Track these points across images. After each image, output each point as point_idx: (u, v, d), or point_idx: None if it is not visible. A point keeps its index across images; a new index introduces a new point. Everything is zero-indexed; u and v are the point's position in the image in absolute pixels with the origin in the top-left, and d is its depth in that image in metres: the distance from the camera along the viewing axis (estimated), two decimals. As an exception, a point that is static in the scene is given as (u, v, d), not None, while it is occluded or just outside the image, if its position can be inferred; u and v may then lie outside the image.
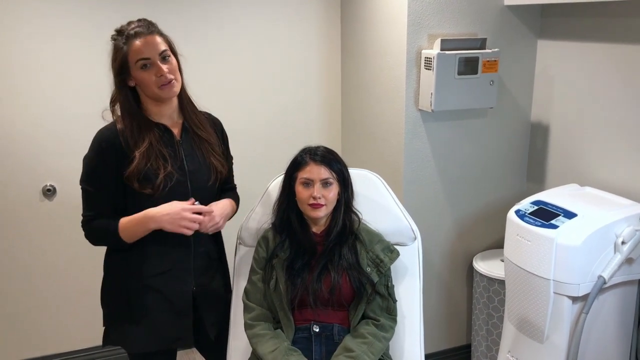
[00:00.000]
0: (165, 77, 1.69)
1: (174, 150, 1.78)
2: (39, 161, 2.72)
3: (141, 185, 1.70)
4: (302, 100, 3.10)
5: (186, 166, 1.79)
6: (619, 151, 2.26)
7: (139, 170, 1.69)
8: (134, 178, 1.69)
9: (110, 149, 1.71)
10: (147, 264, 1.78)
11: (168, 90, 1.72)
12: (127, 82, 1.72)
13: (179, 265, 1.82)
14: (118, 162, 1.70)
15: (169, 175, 1.73)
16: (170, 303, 1.81)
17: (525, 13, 2.57)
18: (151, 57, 1.68)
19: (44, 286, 2.87)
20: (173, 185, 1.74)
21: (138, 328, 1.80)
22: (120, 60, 1.69)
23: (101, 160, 1.71)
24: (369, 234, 1.89)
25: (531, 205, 2.19)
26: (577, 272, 1.96)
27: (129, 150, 1.70)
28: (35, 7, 2.57)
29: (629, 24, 2.17)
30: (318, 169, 1.81)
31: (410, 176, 2.57)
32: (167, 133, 1.79)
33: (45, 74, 2.64)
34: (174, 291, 1.81)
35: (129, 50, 1.68)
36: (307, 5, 2.98)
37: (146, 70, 1.69)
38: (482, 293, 2.61)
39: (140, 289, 1.79)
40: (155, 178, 1.71)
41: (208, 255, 1.91)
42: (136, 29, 1.69)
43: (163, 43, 1.71)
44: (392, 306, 1.82)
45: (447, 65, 2.36)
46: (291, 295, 1.76)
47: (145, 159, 1.70)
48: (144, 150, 1.70)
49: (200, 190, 1.81)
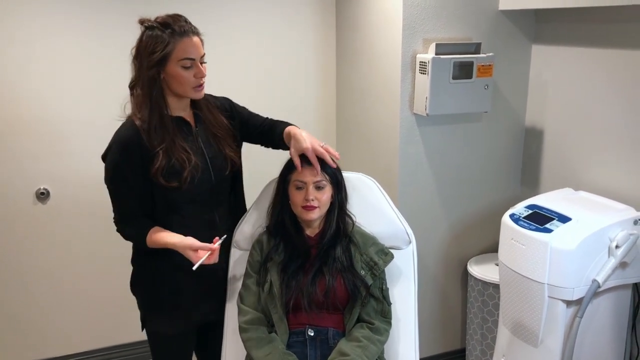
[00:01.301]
0: (203, 80, 1.75)
1: (193, 142, 1.82)
2: (32, 164, 2.71)
3: (167, 180, 1.74)
4: (296, 104, 3.10)
5: (206, 153, 1.84)
6: (613, 155, 2.26)
7: (163, 166, 1.73)
8: (159, 174, 1.72)
9: (135, 150, 1.72)
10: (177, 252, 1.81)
11: (200, 92, 1.78)
12: (160, 74, 1.72)
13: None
14: (143, 160, 1.73)
15: (195, 167, 1.77)
16: (202, 283, 1.89)
17: (520, 18, 2.58)
18: (196, 58, 1.72)
19: (38, 290, 2.85)
20: (199, 174, 1.79)
21: (173, 309, 1.89)
22: (163, 52, 1.68)
23: (126, 162, 1.73)
24: (363, 237, 1.89)
25: (526, 209, 2.19)
26: (571, 276, 1.96)
27: (152, 146, 1.73)
28: (31, 9, 2.56)
29: (623, 29, 2.18)
30: (312, 171, 1.81)
31: (404, 180, 2.58)
32: (185, 125, 1.83)
33: (39, 76, 2.63)
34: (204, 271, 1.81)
35: (175, 46, 1.68)
36: (302, 9, 2.99)
37: (187, 69, 1.72)
38: (477, 297, 2.61)
39: (171, 270, 1.85)
40: (182, 171, 1.75)
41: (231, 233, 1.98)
42: (184, 26, 1.70)
43: (202, 47, 1.76)
44: (386, 309, 1.82)
45: (442, 70, 2.36)
46: (286, 299, 1.76)
47: (169, 155, 1.74)
48: (166, 147, 1.73)
49: (221, 177, 1.87)
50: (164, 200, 1.79)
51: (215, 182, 1.86)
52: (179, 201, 1.81)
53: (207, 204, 1.87)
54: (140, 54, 1.72)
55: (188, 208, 1.83)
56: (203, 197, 1.85)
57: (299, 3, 2.97)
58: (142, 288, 1.94)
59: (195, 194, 1.82)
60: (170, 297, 1.88)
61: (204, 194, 1.85)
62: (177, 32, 1.69)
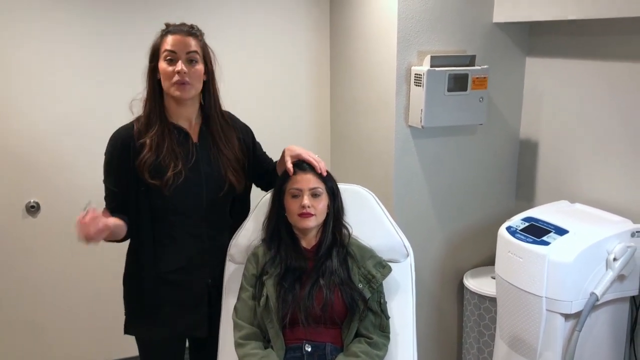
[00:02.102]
0: (182, 76, 1.74)
1: (188, 151, 1.83)
2: (22, 177, 2.68)
3: (151, 177, 1.76)
4: (291, 116, 3.09)
5: (202, 168, 1.84)
6: (609, 167, 2.26)
7: (150, 161, 1.75)
8: (145, 168, 1.75)
9: (125, 146, 1.77)
10: (161, 261, 1.86)
11: (180, 90, 1.76)
12: (156, 73, 1.79)
13: (193, 261, 1.90)
14: (133, 159, 1.77)
15: (178, 174, 1.78)
16: (185, 296, 1.90)
17: (514, 31, 2.59)
18: (178, 52, 1.75)
19: (28, 305, 2.80)
20: (186, 185, 1.79)
21: (153, 320, 1.89)
22: (153, 48, 1.79)
23: (116, 158, 1.79)
24: (361, 250, 1.87)
25: (522, 221, 2.18)
26: (569, 289, 1.95)
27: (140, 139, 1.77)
28: (27, 22, 2.55)
29: (616, 41, 2.19)
30: (307, 178, 1.80)
31: (400, 192, 2.56)
32: (182, 134, 1.84)
33: (30, 88, 2.61)
34: (189, 285, 1.89)
35: (162, 41, 1.77)
36: (296, 21, 2.99)
37: (170, 64, 1.75)
38: (473, 311, 2.59)
39: (156, 283, 1.86)
40: (164, 173, 1.77)
41: (222, 250, 1.97)
42: (179, 27, 1.78)
43: (197, 47, 1.78)
44: (385, 323, 1.79)
45: (437, 82, 2.36)
46: (282, 313, 1.73)
47: (157, 152, 1.76)
48: (156, 141, 1.76)
49: (213, 195, 1.86)
50: (150, 205, 1.81)
51: (206, 200, 1.86)
52: (164, 209, 1.83)
53: (195, 218, 1.88)
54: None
55: (173, 219, 1.85)
56: (191, 211, 1.86)
57: (293, 15, 2.98)
58: (126, 294, 1.95)
59: (182, 205, 1.84)
60: (152, 307, 1.89)
61: (193, 209, 1.86)
62: (170, 30, 1.78)
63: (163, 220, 1.85)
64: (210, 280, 1.95)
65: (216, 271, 1.96)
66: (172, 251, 1.87)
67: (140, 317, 1.92)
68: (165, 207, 1.82)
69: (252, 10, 2.89)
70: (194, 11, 2.78)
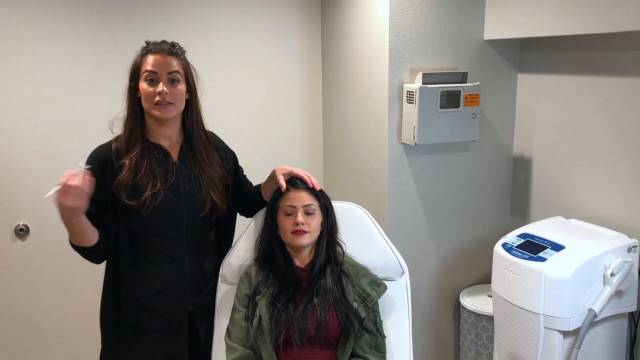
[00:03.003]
0: (163, 96, 1.71)
1: (167, 170, 1.79)
2: (10, 200, 2.64)
3: (128, 197, 1.71)
4: (283, 135, 3.08)
5: (182, 188, 1.80)
6: (603, 183, 2.25)
7: (128, 181, 1.71)
8: (122, 188, 1.71)
9: (102, 166, 1.73)
10: (139, 285, 1.80)
11: (161, 111, 1.73)
12: (137, 92, 1.75)
13: (173, 285, 1.82)
14: (111, 178, 1.72)
15: (156, 194, 1.73)
16: (165, 322, 1.82)
17: (505, 47, 2.60)
18: (159, 73, 1.72)
19: (17, 330, 2.74)
20: (166, 206, 1.75)
21: (132, 348, 1.81)
22: (133, 67, 1.76)
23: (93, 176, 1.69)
24: (355, 268, 1.84)
25: (518, 238, 2.16)
26: (567, 305, 1.93)
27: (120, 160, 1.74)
28: (12, 45, 2.53)
29: (607, 57, 2.20)
30: (300, 195, 1.79)
31: (394, 210, 2.54)
32: (162, 153, 1.80)
33: (18, 109, 2.58)
34: (169, 311, 1.82)
35: (142, 60, 1.74)
36: (287, 39, 2.99)
37: (150, 84, 1.72)
38: (470, 330, 2.55)
39: (133, 308, 1.79)
40: (142, 193, 1.72)
41: (204, 274, 1.90)
42: (160, 46, 1.75)
43: (178, 66, 1.75)
44: (381, 343, 1.76)
45: (429, 99, 2.36)
46: (275, 333, 1.69)
47: (135, 172, 1.72)
48: (134, 162, 1.72)
49: (193, 215, 1.81)
50: (128, 227, 1.76)
51: (186, 220, 1.81)
52: (142, 231, 1.77)
53: (174, 240, 1.82)
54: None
55: (151, 240, 1.79)
56: (170, 232, 1.80)
57: (284, 33, 2.98)
58: (103, 320, 1.86)
59: (161, 226, 1.78)
60: (129, 334, 1.80)
61: (171, 230, 1.80)
62: (151, 50, 1.74)
63: (141, 242, 1.79)
64: (192, 307, 1.86)
65: (198, 297, 1.88)
66: (151, 275, 1.80)
67: (116, 345, 1.84)
68: (143, 228, 1.76)
69: (243, 27, 2.89)
70: (183, 28, 2.77)
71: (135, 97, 1.76)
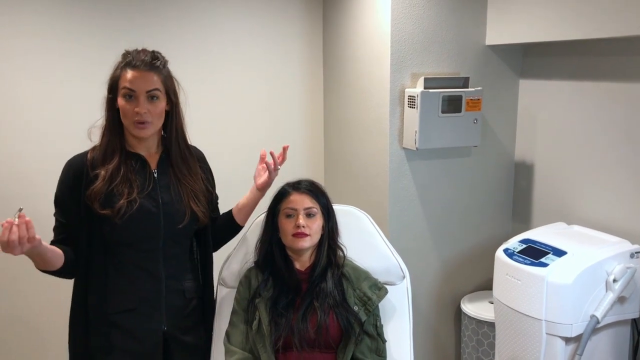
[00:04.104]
0: (141, 115, 1.64)
1: (145, 180, 1.72)
2: (7, 199, 2.62)
3: (102, 207, 1.64)
4: (284, 139, 3.05)
5: (160, 198, 1.72)
6: (605, 188, 2.24)
7: (101, 190, 1.65)
8: (95, 198, 1.64)
9: (77, 176, 1.68)
10: (111, 300, 1.70)
11: (139, 130, 1.67)
12: (115, 103, 1.69)
13: (147, 303, 1.72)
14: (85, 189, 1.66)
15: (132, 202, 1.66)
16: (136, 343, 1.71)
17: (507, 53, 2.59)
18: (137, 90, 1.64)
19: (15, 330, 2.72)
20: (141, 214, 1.67)
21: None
22: (111, 80, 1.69)
23: (67, 187, 1.69)
24: (356, 271, 1.82)
25: (519, 243, 2.15)
26: (569, 311, 1.91)
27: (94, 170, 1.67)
28: (10, 48, 2.52)
29: (609, 62, 2.19)
30: (301, 198, 1.78)
31: (395, 215, 2.53)
32: (140, 162, 1.73)
33: (13, 113, 2.57)
34: (141, 330, 1.71)
35: (121, 74, 1.66)
36: (288, 43, 2.99)
37: (129, 101, 1.65)
38: (471, 336, 2.53)
39: (104, 326, 1.70)
40: (117, 201, 1.65)
41: (183, 294, 1.79)
42: (139, 59, 1.66)
43: (158, 82, 1.67)
44: (381, 347, 1.74)
45: (431, 104, 2.35)
46: (275, 337, 1.68)
47: (110, 181, 1.66)
48: (110, 172, 1.66)
49: (172, 226, 1.72)
50: (101, 238, 1.67)
51: (164, 231, 1.71)
52: (116, 242, 1.68)
53: (151, 253, 1.72)
54: None
55: (126, 253, 1.70)
56: (146, 244, 1.71)
57: (286, 37, 2.98)
58: (71, 340, 1.76)
59: (136, 236, 1.68)
60: (99, 356, 1.70)
61: (148, 241, 1.71)
62: (128, 62, 1.66)
63: (115, 254, 1.69)
64: (166, 328, 1.74)
65: (175, 319, 1.76)
66: (123, 290, 1.70)
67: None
68: (117, 238, 1.67)
69: (245, 31, 2.89)
70: (185, 31, 2.77)
71: (113, 109, 1.69)
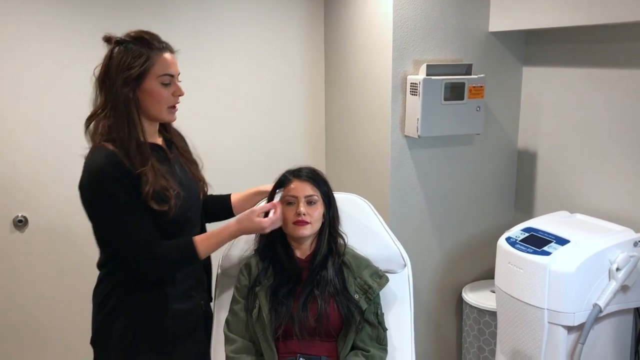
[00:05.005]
0: (178, 100, 1.66)
1: (169, 167, 1.70)
2: (9, 191, 2.61)
3: (158, 204, 1.58)
4: (286, 127, 3.05)
5: (185, 180, 1.74)
6: (608, 176, 2.23)
7: (155, 189, 1.57)
8: (151, 197, 1.56)
9: (125, 174, 1.56)
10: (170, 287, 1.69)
11: (174, 114, 1.69)
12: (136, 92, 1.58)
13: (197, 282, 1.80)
14: (134, 183, 1.56)
15: (178, 195, 1.63)
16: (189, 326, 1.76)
17: (510, 40, 2.56)
18: (175, 75, 1.65)
19: (15, 323, 2.72)
20: (186, 203, 1.68)
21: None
22: (142, 67, 1.56)
23: (120, 188, 1.56)
24: (357, 259, 1.81)
25: (522, 232, 2.13)
26: (571, 300, 1.90)
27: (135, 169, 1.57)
28: (14, 34, 2.50)
29: (613, 49, 2.17)
30: (302, 185, 1.76)
31: (396, 204, 2.51)
32: (161, 151, 1.71)
33: (17, 103, 2.56)
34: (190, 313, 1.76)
35: (156, 60, 1.58)
36: (290, 31, 2.96)
37: (166, 87, 1.61)
38: (473, 325, 2.52)
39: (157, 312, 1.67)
40: (168, 198, 1.60)
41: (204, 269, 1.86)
42: (162, 42, 1.63)
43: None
44: (382, 335, 1.74)
45: (433, 91, 2.32)
46: (275, 325, 1.67)
47: (154, 178, 1.58)
48: (151, 169, 1.58)
49: (195, 204, 1.77)
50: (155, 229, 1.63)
51: (194, 208, 1.76)
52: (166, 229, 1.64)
53: (189, 231, 1.73)
54: (111, 72, 1.57)
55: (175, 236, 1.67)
56: (186, 225, 1.71)
57: (287, 26, 2.95)
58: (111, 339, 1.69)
59: (180, 221, 1.67)
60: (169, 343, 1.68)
61: (187, 222, 1.71)
62: (157, 47, 1.60)
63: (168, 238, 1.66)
64: (205, 302, 1.83)
65: (204, 293, 1.85)
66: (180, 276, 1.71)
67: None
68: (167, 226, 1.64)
69: (246, 21, 2.87)
70: (187, 23, 2.75)
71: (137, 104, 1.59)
